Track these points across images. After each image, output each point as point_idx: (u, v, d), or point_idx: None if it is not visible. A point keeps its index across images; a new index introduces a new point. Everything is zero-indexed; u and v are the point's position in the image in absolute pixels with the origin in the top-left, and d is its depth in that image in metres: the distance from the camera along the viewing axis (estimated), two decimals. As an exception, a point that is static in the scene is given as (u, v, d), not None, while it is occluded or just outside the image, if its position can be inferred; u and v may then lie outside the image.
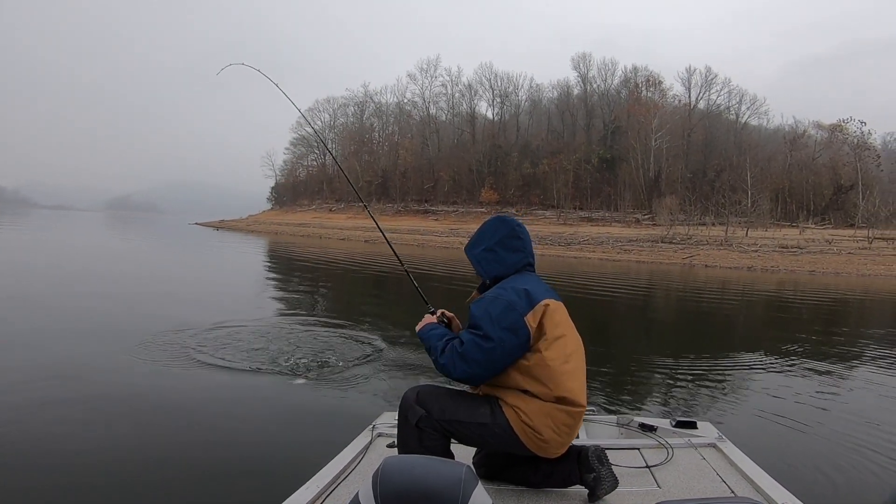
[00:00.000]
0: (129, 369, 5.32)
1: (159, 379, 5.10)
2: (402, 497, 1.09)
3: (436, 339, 2.09)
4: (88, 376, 5.08)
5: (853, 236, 38.56)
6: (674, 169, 55.65)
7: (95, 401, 4.46)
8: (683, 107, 61.52)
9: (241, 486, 3.09)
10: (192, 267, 19.93)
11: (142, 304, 9.54)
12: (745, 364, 6.87)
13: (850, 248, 34.62)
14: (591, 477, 2.03)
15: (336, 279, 17.80)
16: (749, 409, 5.02)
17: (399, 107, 75.65)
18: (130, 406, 4.38)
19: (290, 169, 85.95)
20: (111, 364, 5.48)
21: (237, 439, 3.77)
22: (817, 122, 58.46)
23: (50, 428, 3.83)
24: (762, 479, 2.17)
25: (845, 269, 28.18)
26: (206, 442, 3.71)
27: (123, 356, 5.69)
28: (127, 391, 4.73)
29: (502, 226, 2.18)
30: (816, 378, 6.28)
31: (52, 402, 4.34)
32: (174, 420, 4.12)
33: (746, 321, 12.28)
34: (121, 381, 5.02)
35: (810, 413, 4.91)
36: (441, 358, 2.04)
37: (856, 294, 18.69)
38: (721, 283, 21.18)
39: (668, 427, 2.81)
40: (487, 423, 2.01)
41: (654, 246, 38.35)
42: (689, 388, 5.66)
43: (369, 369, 5.64)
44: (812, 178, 53.04)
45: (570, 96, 66.75)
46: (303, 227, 59.70)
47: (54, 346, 6.15)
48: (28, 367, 5.25)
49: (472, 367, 1.98)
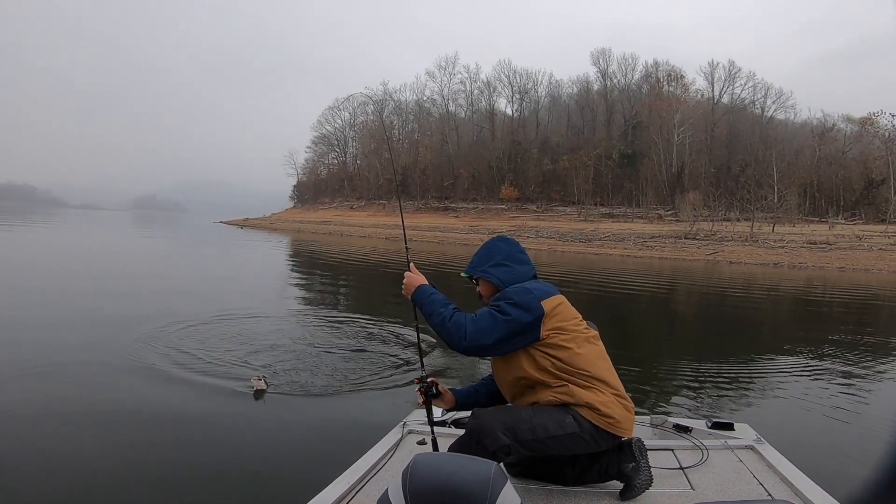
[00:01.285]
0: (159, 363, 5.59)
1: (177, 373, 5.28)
2: (431, 494, 1.09)
3: (439, 305, 2.08)
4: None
5: (885, 232, 37.47)
6: (697, 164, 54.75)
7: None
8: (706, 101, 60.42)
9: (271, 484, 3.10)
10: (240, 265, 20.47)
11: (208, 297, 10.15)
12: (779, 364, 6.76)
13: (882, 244, 33.69)
14: (629, 466, 2.05)
15: (363, 275, 18.12)
16: (786, 410, 4.92)
17: (418, 105, 75.97)
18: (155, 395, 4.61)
19: (312, 167, 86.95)
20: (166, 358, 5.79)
21: (265, 438, 3.76)
22: (847, 116, 56.77)
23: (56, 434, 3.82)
24: (802, 483, 2.09)
25: (876, 266, 27.51)
26: (237, 437, 3.74)
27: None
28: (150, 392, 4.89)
29: (507, 243, 2.32)
30: (855, 378, 6.17)
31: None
32: (200, 421, 4.16)
33: (776, 319, 12.15)
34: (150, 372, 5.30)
35: (849, 415, 4.80)
36: (448, 323, 2.02)
37: (887, 291, 18.29)
38: (746, 280, 20.91)
39: (704, 428, 2.75)
40: (576, 432, 2.01)
41: (676, 242, 37.90)
42: (720, 389, 5.56)
43: (400, 367, 5.69)
44: (841, 172, 51.59)
45: (590, 92, 66.11)
46: (324, 224, 60.50)
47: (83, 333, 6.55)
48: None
49: (483, 337, 1.99)
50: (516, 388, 2.14)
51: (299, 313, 9.20)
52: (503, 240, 2.36)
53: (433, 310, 2.08)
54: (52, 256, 18.42)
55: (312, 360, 5.95)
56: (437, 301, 2.10)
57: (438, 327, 2.05)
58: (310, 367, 5.61)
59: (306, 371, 5.48)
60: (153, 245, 28.63)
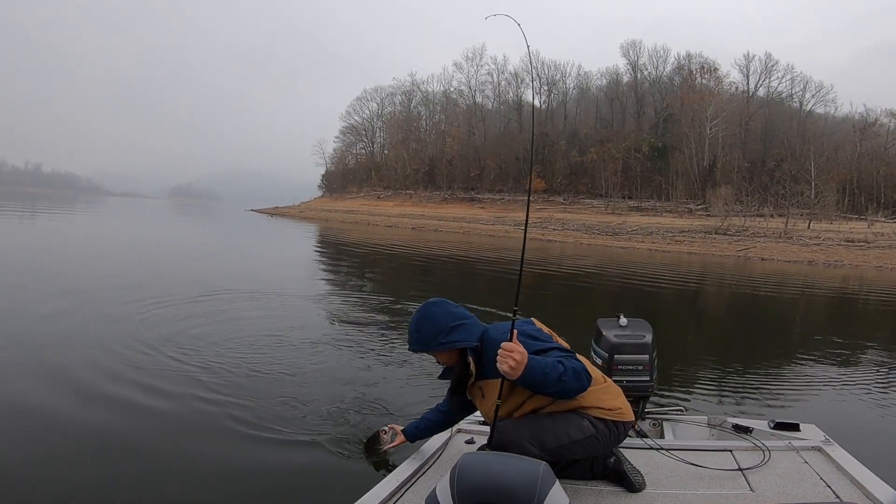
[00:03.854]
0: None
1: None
2: (478, 492, 1.10)
3: (547, 365, 1.97)
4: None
5: (928, 231, 36.05)
6: (730, 158, 53.32)
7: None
8: (741, 94, 58.64)
9: (322, 479, 3.12)
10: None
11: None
12: (831, 364, 6.57)
13: (924, 243, 32.45)
14: (611, 461, 2.13)
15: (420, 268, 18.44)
16: (853, 412, 4.77)
17: (445, 95, 75.83)
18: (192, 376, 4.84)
19: (340, 157, 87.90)
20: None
21: (309, 435, 3.69)
22: (890, 111, 54.38)
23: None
24: (874, 485, 1.98)
25: (917, 266, 26.57)
26: (289, 433, 3.68)
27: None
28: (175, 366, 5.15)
29: (441, 306, 2.21)
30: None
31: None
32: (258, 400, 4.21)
33: (826, 318, 11.85)
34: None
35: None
36: (574, 367, 1.98)
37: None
38: (781, 276, 20.50)
39: (766, 429, 2.66)
40: (594, 434, 2.05)
41: (706, 237, 37.19)
42: (775, 389, 5.39)
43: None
44: (884, 168, 49.50)
45: (620, 84, 64.84)
46: (351, 213, 61.24)
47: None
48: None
49: (585, 382, 2.02)
50: (516, 408, 2.11)
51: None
52: (435, 305, 2.22)
53: (549, 370, 1.95)
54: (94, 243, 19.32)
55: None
56: (543, 361, 1.96)
57: (557, 383, 1.94)
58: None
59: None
60: (190, 231, 29.69)
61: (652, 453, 2.35)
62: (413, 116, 79.10)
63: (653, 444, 2.42)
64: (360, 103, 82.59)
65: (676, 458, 2.27)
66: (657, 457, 2.33)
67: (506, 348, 1.90)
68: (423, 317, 2.18)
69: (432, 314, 2.18)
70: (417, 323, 2.18)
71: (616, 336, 2.87)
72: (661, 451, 2.36)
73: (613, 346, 2.83)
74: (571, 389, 1.98)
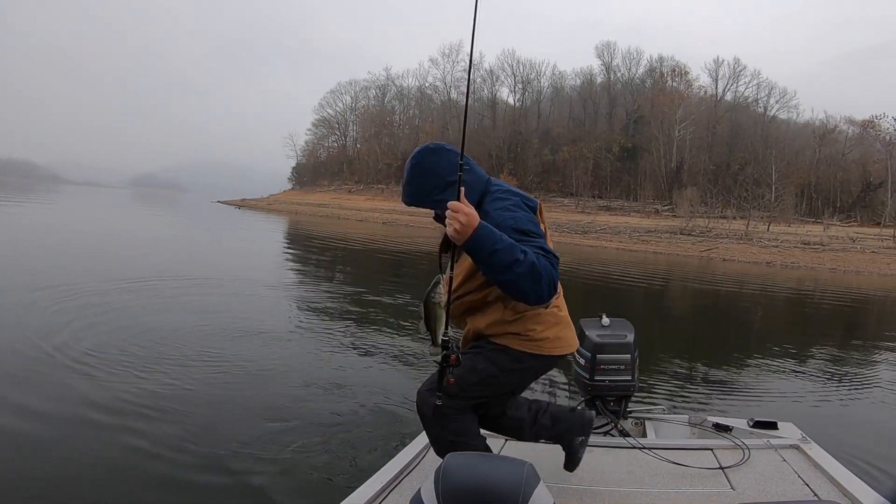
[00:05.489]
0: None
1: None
2: (463, 494, 1.09)
3: (507, 244, 1.57)
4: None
5: (879, 235, 37.72)
6: (696, 160, 54.75)
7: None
8: (709, 98, 60.26)
9: (304, 481, 3.05)
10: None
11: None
12: (796, 362, 6.72)
13: (875, 246, 33.93)
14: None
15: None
16: (826, 411, 4.86)
17: (420, 91, 75.51)
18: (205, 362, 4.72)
19: (311, 150, 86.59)
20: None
21: (298, 433, 3.64)
22: (849, 118, 56.79)
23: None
24: (850, 483, 2.01)
25: (867, 268, 27.74)
26: (272, 431, 3.64)
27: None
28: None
29: (440, 152, 1.92)
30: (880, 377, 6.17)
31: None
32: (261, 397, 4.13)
33: (782, 317, 12.14)
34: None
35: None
36: (539, 264, 1.58)
37: (881, 293, 18.49)
38: (741, 277, 21.07)
39: (745, 427, 2.68)
40: (517, 368, 1.87)
41: (672, 237, 38.04)
42: (753, 387, 5.47)
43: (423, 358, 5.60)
44: (840, 174, 51.71)
45: (593, 84, 65.83)
46: (322, 207, 60.36)
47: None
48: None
49: (544, 289, 1.61)
50: (467, 293, 1.88)
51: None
52: (433, 153, 1.91)
53: (501, 248, 1.56)
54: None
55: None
56: (498, 236, 1.58)
57: (506, 270, 1.56)
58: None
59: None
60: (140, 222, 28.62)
61: (635, 452, 2.37)
62: (387, 111, 78.54)
63: (635, 444, 2.45)
64: (333, 96, 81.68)
65: (659, 458, 2.29)
66: (640, 456, 2.34)
67: (452, 207, 1.56)
68: (417, 166, 1.89)
69: (430, 164, 1.87)
70: (411, 173, 1.89)
71: (599, 336, 2.88)
72: (644, 450, 2.38)
73: (596, 346, 2.85)
74: (522, 287, 1.57)
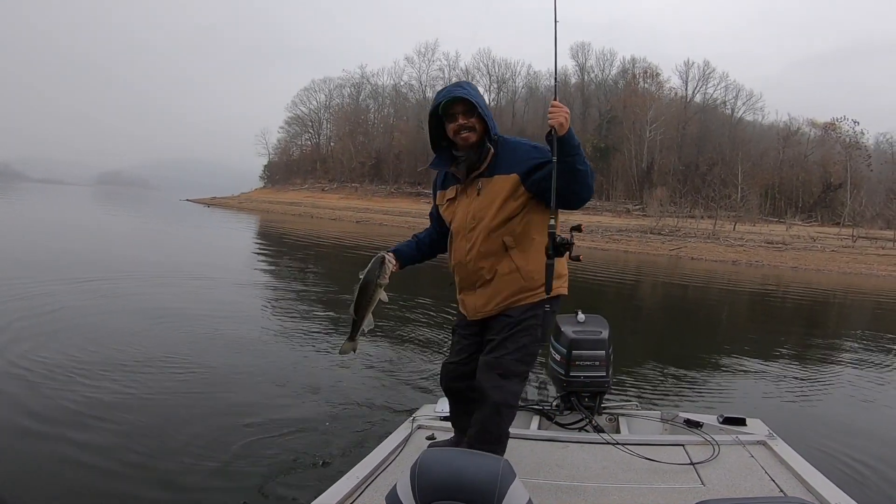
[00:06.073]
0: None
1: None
2: (439, 489, 1.10)
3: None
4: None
5: (838, 234, 39.18)
6: (667, 161, 55.89)
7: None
8: (679, 99, 61.58)
9: (281, 477, 3.04)
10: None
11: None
12: (769, 359, 6.85)
13: (834, 245, 35.20)
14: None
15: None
16: (794, 405, 4.97)
17: (395, 89, 75.08)
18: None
19: (284, 148, 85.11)
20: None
21: (274, 430, 3.63)
22: (811, 120, 58.80)
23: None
24: (815, 479, 2.07)
25: (827, 267, 28.73)
26: (245, 430, 3.60)
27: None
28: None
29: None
30: (870, 376, 6.31)
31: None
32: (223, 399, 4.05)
33: (747, 314, 12.46)
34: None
35: (864, 414, 4.91)
36: (591, 170, 1.97)
37: (840, 291, 19.18)
38: (708, 275, 21.56)
39: (715, 423, 2.74)
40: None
41: (642, 236, 38.73)
42: (722, 384, 5.57)
43: (408, 357, 5.66)
44: (802, 175, 53.54)
45: (568, 85, 66.46)
46: (294, 205, 59.36)
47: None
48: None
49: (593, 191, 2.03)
50: (487, 233, 2.06)
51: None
52: (470, 85, 2.13)
53: (580, 149, 1.93)
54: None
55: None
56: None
57: (585, 174, 1.93)
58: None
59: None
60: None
61: (609, 448, 2.41)
62: (361, 109, 77.80)
63: (609, 440, 2.48)
64: (307, 94, 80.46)
65: (632, 454, 2.31)
66: (614, 451, 2.37)
67: (554, 104, 1.91)
68: (464, 81, 2.14)
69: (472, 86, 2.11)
70: (459, 81, 2.15)
71: (574, 332, 2.91)
72: (618, 446, 2.40)
73: (572, 342, 2.88)
74: (590, 181, 1.96)
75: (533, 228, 2.06)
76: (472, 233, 2.06)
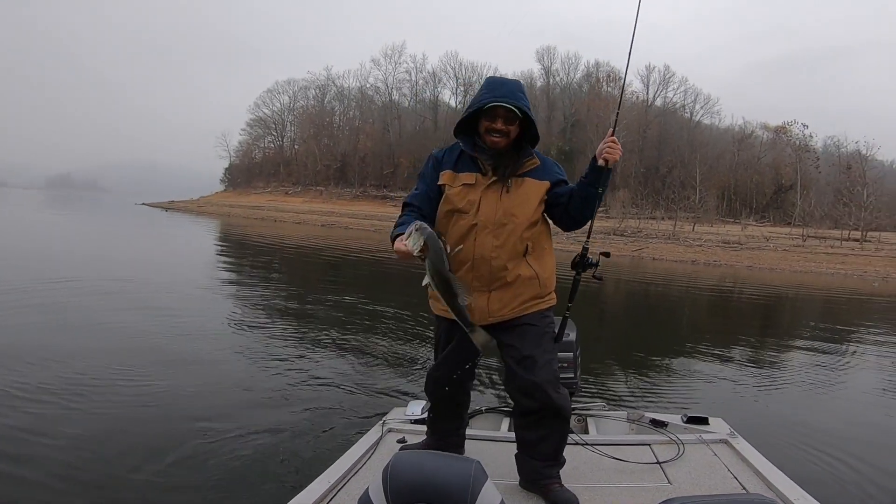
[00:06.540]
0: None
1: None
2: (411, 492, 1.09)
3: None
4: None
5: (790, 234, 40.80)
6: (628, 163, 57.12)
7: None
8: (641, 103, 63.12)
9: (250, 483, 3.02)
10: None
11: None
12: (732, 357, 6.99)
13: (786, 245, 36.60)
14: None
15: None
16: (753, 403, 5.05)
17: (361, 91, 74.41)
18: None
19: (246, 150, 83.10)
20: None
21: (242, 437, 3.59)
22: (764, 124, 61.26)
23: None
24: (774, 476, 2.16)
25: (780, 266, 29.79)
26: (212, 437, 3.53)
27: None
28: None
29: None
30: (822, 371, 6.46)
31: None
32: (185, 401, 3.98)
33: (706, 313, 12.69)
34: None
35: (818, 407, 5.01)
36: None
37: (792, 289, 19.86)
38: (669, 274, 22.01)
39: (680, 423, 2.80)
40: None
41: (606, 238, 39.36)
42: (685, 383, 5.63)
43: (377, 361, 5.58)
44: (756, 177, 55.63)
45: (533, 88, 67.26)
46: (256, 209, 58.01)
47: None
48: None
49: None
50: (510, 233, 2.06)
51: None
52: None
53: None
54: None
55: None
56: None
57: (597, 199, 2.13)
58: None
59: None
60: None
61: (578, 448, 2.43)
62: (326, 111, 76.76)
63: (578, 440, 2.52)
64: (270, 95, 78.78)
65: (601, 454, 2.38)
66: (583, 452, 2.42)
67: (614, 141, 2.14)
68: (522, 86, 2.17)
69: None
70: (503, 79, 2.15)
71: None
72: (587, 446, 2.46)
73: None
74: (595, 206, 2.16)
75: (543, 237, 2.16)
76: (501, 229, 2.03)
